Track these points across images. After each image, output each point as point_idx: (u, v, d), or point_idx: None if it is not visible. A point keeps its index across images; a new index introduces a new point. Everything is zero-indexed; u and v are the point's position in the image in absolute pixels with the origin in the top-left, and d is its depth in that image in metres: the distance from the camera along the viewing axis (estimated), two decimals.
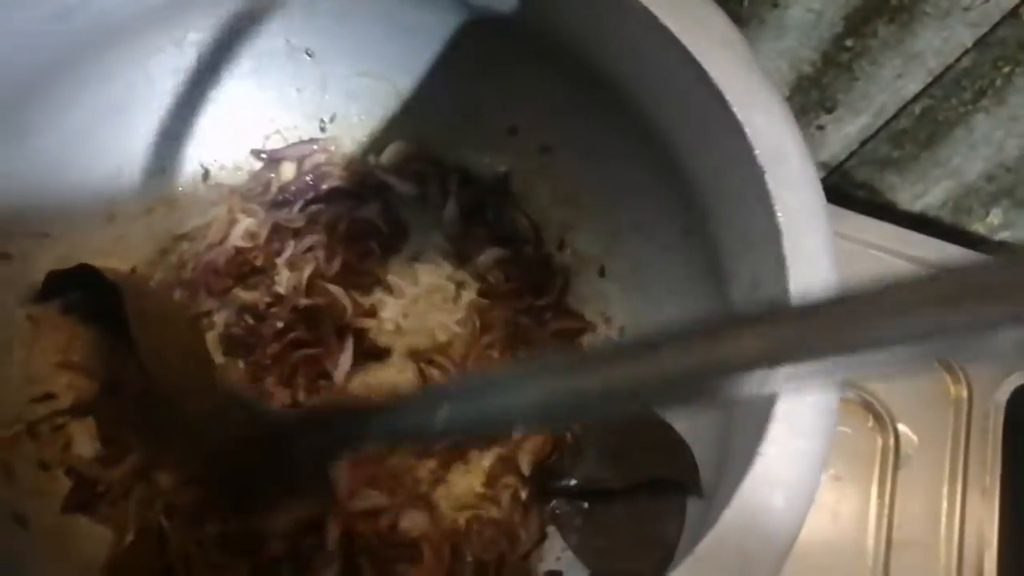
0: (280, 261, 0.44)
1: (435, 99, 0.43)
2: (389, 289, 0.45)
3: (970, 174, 0.55)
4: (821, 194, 0.27)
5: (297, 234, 0.43)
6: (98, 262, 0.41)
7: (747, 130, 0.26)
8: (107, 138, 0.40)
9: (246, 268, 0.42)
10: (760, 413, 0.27)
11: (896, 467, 0.45)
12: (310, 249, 0.43)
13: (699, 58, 0.27)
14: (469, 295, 0.44)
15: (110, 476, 0.38)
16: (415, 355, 0.43)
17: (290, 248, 0.43)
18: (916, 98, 0.53)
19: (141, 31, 0.37)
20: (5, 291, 0.38)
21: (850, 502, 0.46)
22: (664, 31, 0.29)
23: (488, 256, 0.45)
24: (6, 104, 0.33)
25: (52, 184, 0.39)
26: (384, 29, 0.40)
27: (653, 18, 0.29)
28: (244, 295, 0.43)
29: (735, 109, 0.26)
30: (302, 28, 0.41)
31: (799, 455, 0.24)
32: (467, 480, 0.41)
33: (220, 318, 0.43)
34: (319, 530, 0.37)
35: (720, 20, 0.28)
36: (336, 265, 0.43)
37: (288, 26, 0.41)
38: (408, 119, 0.45)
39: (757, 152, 0.26)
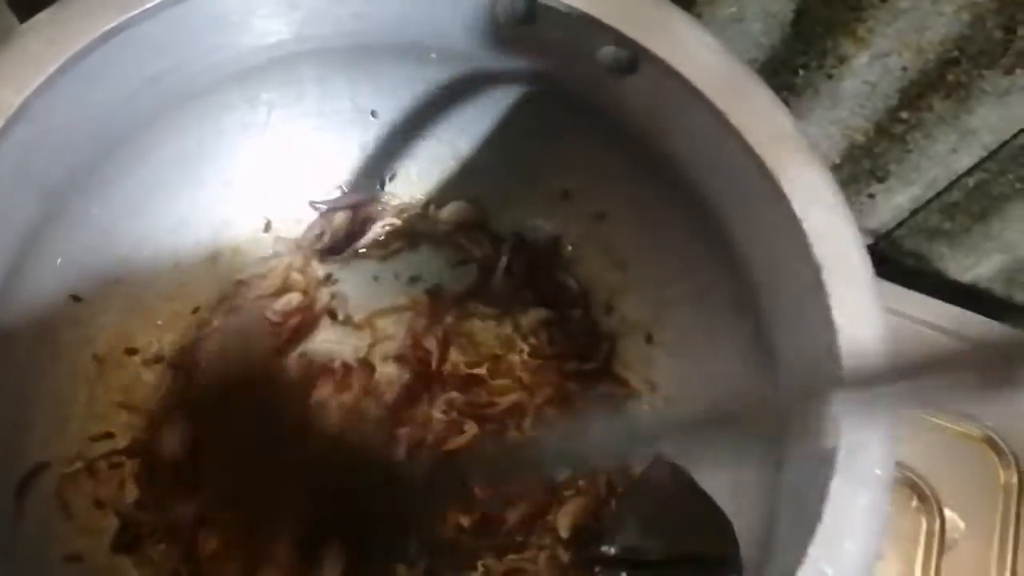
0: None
1: (492, 162, 0.45)
2: None
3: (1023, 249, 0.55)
4: (877, 291, 0.27)
5: None
6: (162, 305, 0.43)
7: (805, 227, 0.26)
8: (177, 187, 0.42)
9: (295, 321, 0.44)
10: (810, 502, 0.27)
11: (941, 551, 0.44)
12: None
13: (758, 151, 0.27)
14: (514, 357, 0.45)
15: (143, 519, 0.39)
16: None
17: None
18: (970, 172, 0.52)
19: (218, 91, 0.39)
20: (74, 330, 0.39)
21: None
22: (727, 125, 0.30)
23: (533, 317, 0.45)
24: (94, 157, 0.35)
25: (124, 230, 0.40)
26: (447, 95, 0.42)
27: (717, 112, 0.30)
28: None
29: (795, 206, 0.26)
30: (369, 91, 0.42)
31: (848, 557, 0.24)
32: None
33: None
34: None
35: (783, 118, 0.29)
36: None
37: (355, 89, 0.42)
38: (465, 179, 0.46)
39: (815, 251, 0.26)
